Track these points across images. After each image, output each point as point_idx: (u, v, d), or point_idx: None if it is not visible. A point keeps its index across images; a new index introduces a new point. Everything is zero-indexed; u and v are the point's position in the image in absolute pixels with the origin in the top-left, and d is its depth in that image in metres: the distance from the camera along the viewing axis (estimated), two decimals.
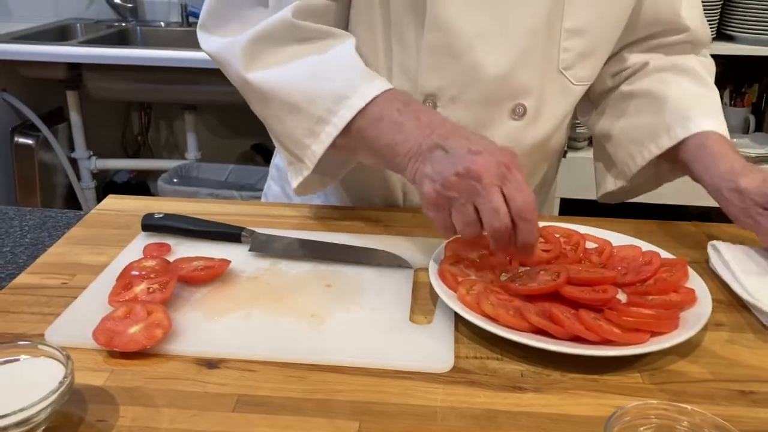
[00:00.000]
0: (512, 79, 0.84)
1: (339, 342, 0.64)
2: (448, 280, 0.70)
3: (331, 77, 0.77)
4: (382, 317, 0.68)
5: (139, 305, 0.64)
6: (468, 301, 0.66)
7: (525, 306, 0.65)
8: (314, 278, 0.75)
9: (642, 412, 0.51)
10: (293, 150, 0.82)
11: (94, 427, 0.53)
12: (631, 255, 0.77)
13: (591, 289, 0.67)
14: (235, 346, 0.63)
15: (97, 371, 0.59)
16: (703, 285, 0.70)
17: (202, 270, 0.73)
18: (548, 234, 0.80)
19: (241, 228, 0.82)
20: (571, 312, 0.64)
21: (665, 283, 0.70)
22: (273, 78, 0.80)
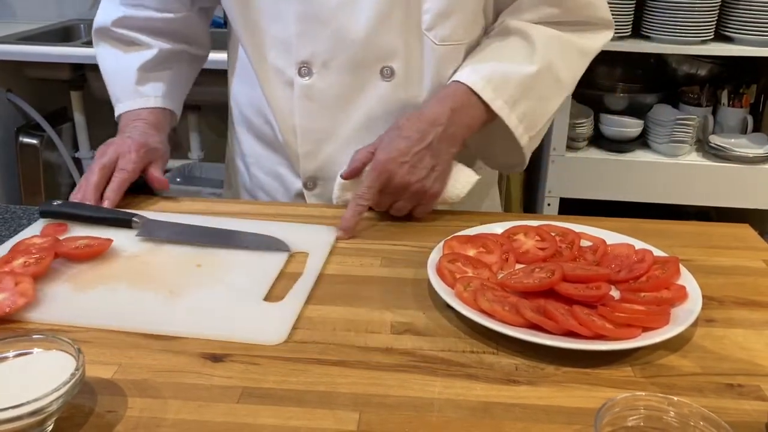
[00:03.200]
0: (377, 42, 0.92)
1: (184, 315, 0.68)
2: (446, 277, 0.72)
3: (115, 81, 1.08)
4: (237, 294, 0.72)
5: (9, 276, 0.70)
6: (465, 298, 0.68)
7: (520, 302, 0.67)
8: (188, 259, 0.79)
9: (631, 403, 0.52)
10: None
11: (103, 417, 0.55)
12: (624, 253, 0.78)
13: (585, 286, 0.69)
14: (90, 316, 0.68)
15: (107, 364, 0.61)
16: (694, 282, 0.71)
17: (83, 248, 0.78)
18: (544, 232, 0.82)
19: (134, 214, 0.86)
20: (565, 308, 0.66)
21: (657, 280, 0.72)
22: (99, 57, 1.12)
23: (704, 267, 0.81)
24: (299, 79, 0.96)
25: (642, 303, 0.68)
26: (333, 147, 0.99)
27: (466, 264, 0.75)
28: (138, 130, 1.01)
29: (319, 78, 0.95)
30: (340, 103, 0.97)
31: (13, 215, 0.94)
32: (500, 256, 0.77)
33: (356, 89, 0.96)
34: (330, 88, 0.96)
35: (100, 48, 1.11)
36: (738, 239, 0.89)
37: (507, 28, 0.97)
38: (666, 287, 0.71)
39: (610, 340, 0.63)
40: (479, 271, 0.74)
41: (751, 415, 0.57)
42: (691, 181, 2.12)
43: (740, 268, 0.81)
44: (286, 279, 0.76)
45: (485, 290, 0.69)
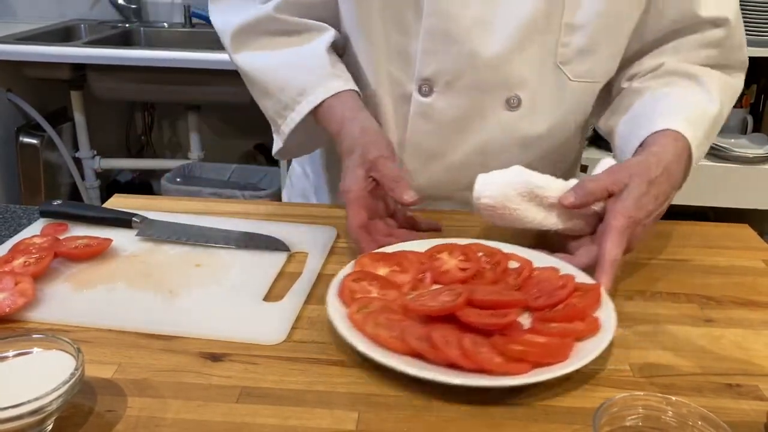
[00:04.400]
0: (507, 69, 0.86)
1: (183, 315, 0.68)
2: (344, 295, 0.67)
3: (299, 70, 0.90)
4: (236, 294, 0.72)
5: (9, 276, 0.70)
6: (355, 320, 0.63)
7: (408, 328, 0.61)
8: (188, 258, 0.79)
9: (629, 403, 0.52)
10: (271, 122, 0.95)
11: (103, 417, 0.55)
12: (549, 277, 0.72)
13: (490, 313, 0.63)
14: (89, 316, 0.68)
15: (106, 364, 0.62)
16: (611, 314, 0.65)
17: (82, 247, 0.78)
18: (470, 251, 0.76)
19: (133, 213, 0.86)
20: (455, 336, 0.60)
21: (572, 309, 0.66)
22: (253, 62, 0.93)
23: (703, 267, 0.82)
24: (418, 96, 0.90)
25: (547, 334, 0.62)
26: (439, 168, 0.95)
27: (373, 284, 0.70)
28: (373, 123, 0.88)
29: (439, 97, 0.89)
30: (457, 126, 0.91)
31: (13, 215, 0.94)
32: (415, 275, 0.72)
33: (477, 114, 0.90)
34: (449, 110, 0.90)
35: (250, 48, 0.94)
36: (737, 239, 0.89)
37: (672, 71, 0.91)
38: (580, 318, 0.64)
39: (495, 374, 0.57)
40: (386, 292, 0.69)
41: (749, 415, 0.57)
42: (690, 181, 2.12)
43: (739, 268, 0.82)
44: (285, 279, 0.76)
45: (380, 313, 0.64)
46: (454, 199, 0.98)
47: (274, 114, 0.93)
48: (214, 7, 0.98)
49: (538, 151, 0.96)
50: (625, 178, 0.75)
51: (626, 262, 0.82)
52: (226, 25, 0.94)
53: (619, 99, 0.95)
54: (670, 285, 0.77)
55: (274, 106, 0.92)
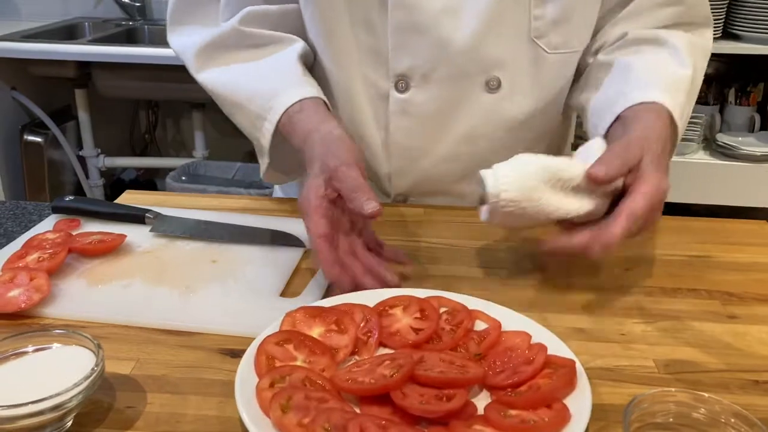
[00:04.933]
0: (482, 52, 0.85)
1: (201, 310, 0.67)
2: (260, 363, 0.56)
3: (269, 77, 0.86)
4: (254, 290, 0.71)
5: (24, 271, 0.69)
6: (263, 397, 0.52)
7: (323, 414, 0.50)
8: (203, 254, 0.78)
9: (659, 399, 0.52)
10: (252, 139, 0.90)
11: (123, 413, 0.55)
12: (518, 345, 0.60)
13: (434, 394, 0.53)
14: (105, 311, 0.67)
15: (124, 360, 0.61)
16: (586, 401, 0.53)
17: (96, 243, 0.77)
18: (428, 307, 0.65)
19: (147, 209, 0.85)
20: (378, 428, 0.49)
21: (537, 393, 0.54)
22: (218, 78, 0.90)
23: (723, 263, 0.81)
24: (396, 93, 0.88)
25: (499, 427, 0.50)
26: (428, 163, 0.93)
27: (301, 347, 0.59)
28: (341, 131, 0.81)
29: (417, 92, 0.87)
30: (439, 118, 0.89)
31: (24, 211, 0.93)
32: (355, 337, 0.61)
33: (458, 103, 0.88)
34: (429, 102, 0.88)
35: (215, 64, 0.90)
36: (756, 236, 0.88)
37: (637, 40, 0.87)
38: (546, 404, 0.53)
39: None
40: (315, 359, 0.58)
41: None
42: (698, 180, 2.11)
43: (760, 265, 0.81)
44: (301, 275, 0.76)
45: (296, 390, 0.52)
46: (449, 194, 0.97)
47: (250, 128, 0.88)
48: (172, 33, 0.95)
49: (525, 132, 0.93)
50: (638, 154, 0.71)
51: (644, 259, 0.81)
52: (187, 46, 0.91)
53: (587, 74, 0.92)
54: (691, 281, 0.76)
55: (248, 118, 0.87)
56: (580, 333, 0.66)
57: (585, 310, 0.70)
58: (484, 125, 0.90)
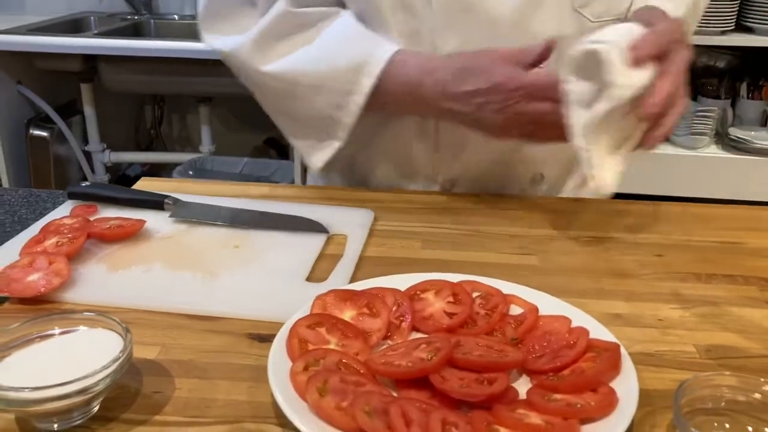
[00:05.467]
0: (528, 26, 0.83)
1: (226, 295, 0.66)
2: (293, 347, 0.55)
3: (343, 51, 0.83)
4: (279, 275, 0.69)
5: (42, 256, 0.68)
6: (298, 381, 0.50)
7: (363, 397, 0.48)
8: (225, 239, 0.77)
9: (710, 383, 0.50)
10: (321, 130, 0.86)
11: (150, 398, 0.53)
12: (557, 330, 0.58)
13: (475, 378, 0.51)
14: (125, 296, 0.65)
15: (149, 345, 0.59)
16: (633, 385, 0.51)
17: (115, 228, 0.75)
18: (461, 292, 0.63)
19: (165, 195, 0.83)
20: (420, 412, 0.47)
21: (581, 377, 0.52)
22: (289, 65, 0.85)
23: (757, 249, 0.79)
24: None
25: (544, 411, 0.48)
26: (477, 147, 0.90)
27: (333, 331, 0.57)
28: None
29: None
30: None
31: (38, 198, 0.92)
32: (388, 321, 0.59)
33: None
34: None
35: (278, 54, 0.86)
36: None
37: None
38: (591, 388, 0.51)
39: None
40: (348, 343, 0.56)
41: None
42: (710, 174, 2.09)
43: None
44: (326, 261, 0.74)
45: (332, 373, 0.51)
46: (497, 179, 0.94)
47: (330, 108, 0.84)
48: (208, 35, 0.91)
49: None
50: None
51: (676, 245, 0.80)
52: (237, 44, 0.87)
53: None
54: (726, 267, 0.74)
55: (328, 98, 0.84)
56: (617, 319, 0.64)
57: (619, 296, 0.68)
58: None
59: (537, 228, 0.83)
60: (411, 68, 0.81)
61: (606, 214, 0.88)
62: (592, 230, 0.83)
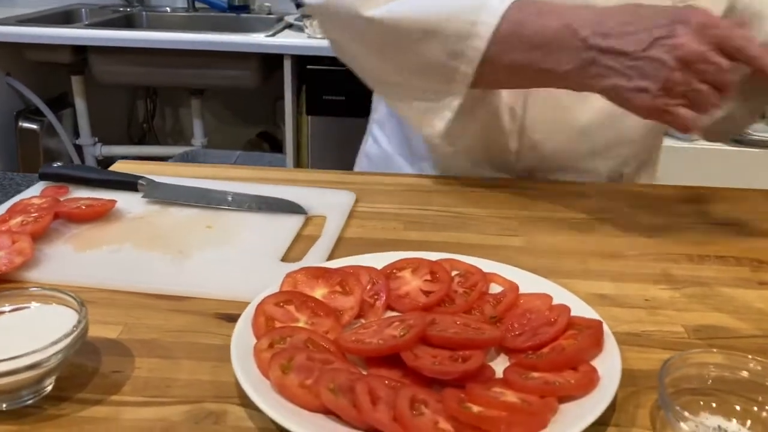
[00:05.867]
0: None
1: (195, 275, 0.63)
2: (258, 324, 0.52)
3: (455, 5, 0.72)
4: (252, 255, 0.67)
5: (6, 234, 0.65)
6: (262, 358, 0.48)
7: (328, 375, 0.46)
8: (198, 220, 0.74)
9: (696, 360, 0.47)
10: (436, 83, 0.76)
11: (108, 378, 0.50)
12: (538, 308, 0.56)
13: (449, 356, 0.48)
14: (92, 276, 0.62)
15: (111, 324, 0.56)
16: (616, 364, 0.48)
17: (85, 208, 0.73)
18: (440, 270, 0.60)
19: (139, 176, 0.80)
20: (389, 390, 0.45)
21: (561, 355, 0.49)
22: (397, 9, 0.74)
23: (751, 231, 0.77)
24: None
25: (521, 389, 0.46)
26: (563, 137, 0.86)
27: (303, 309, 0.54)
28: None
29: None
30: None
31: (11, 182, 0.89)
32: (361, 299, 0.56)
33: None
34: None
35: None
36: None
37: None
38: (572, 366, 0.48)
39: None
40: (318, 321, 0.53)
41: None
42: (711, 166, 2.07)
43: None
44: (303, 241, 0.71)
45: (299, 351, 0.48)
46: (576, 170, 0.90)
47: (445, 57, 0.73)
48: None
49: None
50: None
51: (667, 226, 0.77)
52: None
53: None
54: (718, 248, 0.72)
55: (444, 45, 0.73)
56: (602, 299, 0.62)
57: (606, 277, 0.66)
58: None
59: (525, 210, 0.80)
60: (544, 8, 0.69)
61: (596, 196, 0.85)
62: (580, 212, 0.80)
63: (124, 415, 0.46)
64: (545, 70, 0.69)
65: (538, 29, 0.69)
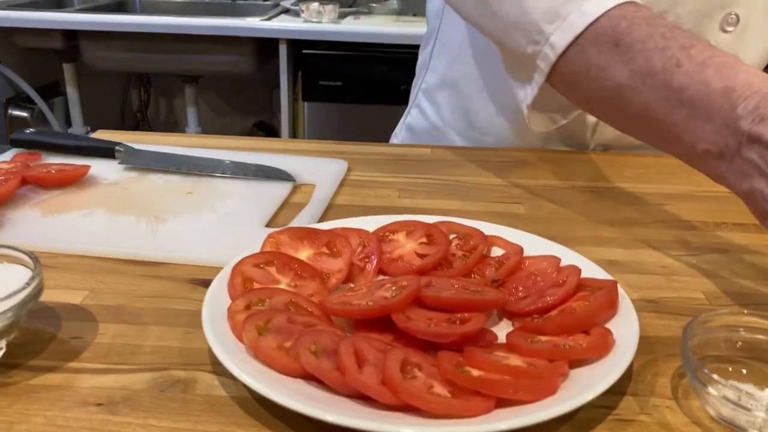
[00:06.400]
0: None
1: (171, 240, 0.58)
2: (235, 285, 0.47)
3: None
4: (234, 221, 0.62)
5: None
6: (236, 320, 0.43)
7: (311, 336, 0.41)
8: (177, 187, 0.69)
9: (725, 321, 0.42)
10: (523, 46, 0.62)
11: (67, 344, 0.45)
12: (545, 270, 0.51)
13: (446, 318, 0.44)
14: (58, 240, 0.58)
15: (75, 290, 0.51)
16: (633, 327, 0.43)
17: (55, 172, 0.68)
18: (436, 232, 0.55)
19: (117, 143, 0.75)
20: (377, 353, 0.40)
21: (571, 317, 0.44)
22: None
23: None
24: None
25: (527, 354, 0.41)
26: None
27: (285, 270, 0.49)
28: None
29: None
30: None
31: None
32: (350, 262, 0.51)
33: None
34: None
35: None
36: None
37: None
38: (583, 329, 0.43)
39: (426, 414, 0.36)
40: (303, 284, 0.48)
41: None
42: None
43: None
44: (290, 209, 0.66)
45: (278, 313, 0.43)
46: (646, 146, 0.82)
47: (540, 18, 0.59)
48: None
49: None
50: None
51: (681, 195, 0.72)
52: None
53: None
54: (735, 215, 0.67)
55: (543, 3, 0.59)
56: (614, 265, 0.57)
57: (618, 244, 0.61)
58: None
59: (528, 179, 0.75)
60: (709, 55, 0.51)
61: (606, 165, 0.80)
62: (589, 181, 0.75)
63: (80, 383, 0.41)
64: (676, 136, 0.52)
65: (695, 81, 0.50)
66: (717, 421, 0.39)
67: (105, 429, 0.38)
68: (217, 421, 0.39)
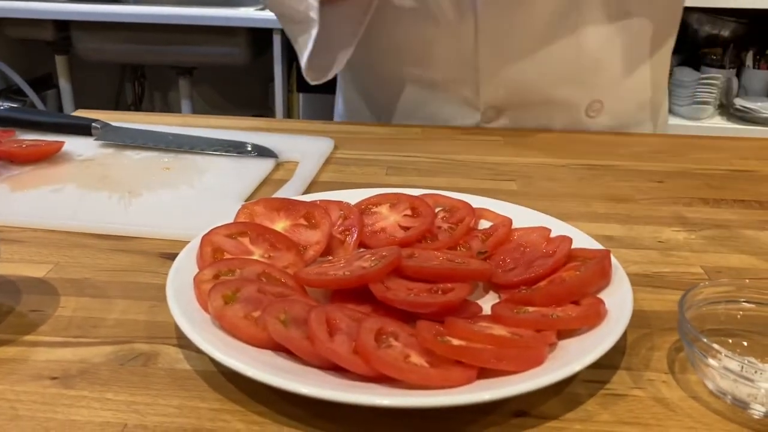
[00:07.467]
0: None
1: (142, 214, 0.56)
2: (204, 255, 0.44)
3: None
4: (212, 196, 0.60)
5: None
6: (202, 290, 0.40)
7: (280, 305, 0.38)
8: (154, 162, 0.66)
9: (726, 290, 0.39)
10: (296, 8, 0.72)
11: (25, 317, 0.42)
12: (534, 241, 0.48)
13: (427, 288, 0.41)
14: (26, 215, 0.55)
15: (39, 263, 0.49)
16: (626, 297, 0.40)
17: (27, 147, 0.65)
18: (422, 204, 0.53)
19: (94, 120, 0.73)
20: (350, 321, 0.37)
21: (561, 286, 0.41)
22: None
23: None
24: None
25: (512, 324, 0.38)
26: (524, 62, 0.76)
27: (259, 241, 0.47)
28: None
29: None
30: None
31: None
32: (329, 234, 0.49)
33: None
34: None
35: None
36: None
37: None
38: (573, 299, 0.41)
39: (402, 385, 0.34)
40: (278, 255, 0.46)
41: None
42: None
43: None
44: (272, 185, 0.63)
45: (247, 283, 0.40)
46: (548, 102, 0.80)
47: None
48: None
49: (639, 24, 0.77)
50: None
51: (678, 172, 0.69)
52: None
53: None
54: (736, 193, 0.64)
55: None
56: (609, 241, 0.54)
57: (613, 220, 0.58)
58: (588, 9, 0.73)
59: (521, 157, 0.73)
60: None
61: (601, 144, 0.77)
62: (584, 158, 0.72)
63: (35, 356, 0.39)
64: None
65: None
66: (716, 394, 0.36)
67: (57, 402, 0.35)
68: (179, 395, 0.36)
